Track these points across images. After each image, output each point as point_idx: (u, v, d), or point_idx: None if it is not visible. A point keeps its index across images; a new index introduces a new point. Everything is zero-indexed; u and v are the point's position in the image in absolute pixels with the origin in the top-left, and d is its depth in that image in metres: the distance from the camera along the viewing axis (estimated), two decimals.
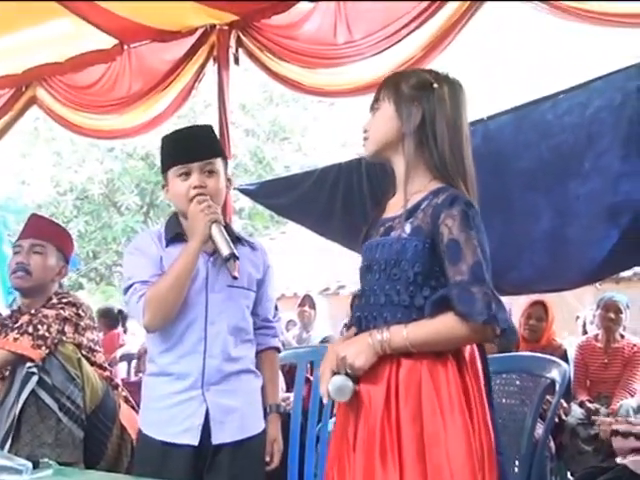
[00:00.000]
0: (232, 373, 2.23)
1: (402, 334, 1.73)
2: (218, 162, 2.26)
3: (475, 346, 1.82)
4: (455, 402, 1.71)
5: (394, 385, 1.74)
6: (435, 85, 1.85)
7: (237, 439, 2.21)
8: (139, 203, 13.98)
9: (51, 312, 2.65)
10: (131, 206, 13.65)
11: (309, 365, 3.02)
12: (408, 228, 1.79)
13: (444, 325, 1.72)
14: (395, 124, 1.86)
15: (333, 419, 3.20)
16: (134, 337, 7.22)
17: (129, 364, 5.04)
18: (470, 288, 1.70)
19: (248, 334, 2.30)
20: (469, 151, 1.87)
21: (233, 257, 2.12)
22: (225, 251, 2.11)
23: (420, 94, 1.84)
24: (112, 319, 6.62)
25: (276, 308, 2.50)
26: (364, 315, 1.86)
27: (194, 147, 2.24)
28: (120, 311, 6.85)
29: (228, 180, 2.35)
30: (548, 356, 2.37)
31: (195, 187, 2.19)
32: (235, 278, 2.17)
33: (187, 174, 2.22)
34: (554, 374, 2.22)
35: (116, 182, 13.65)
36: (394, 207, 1.90)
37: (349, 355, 1.77)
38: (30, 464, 1.57)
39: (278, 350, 2.45)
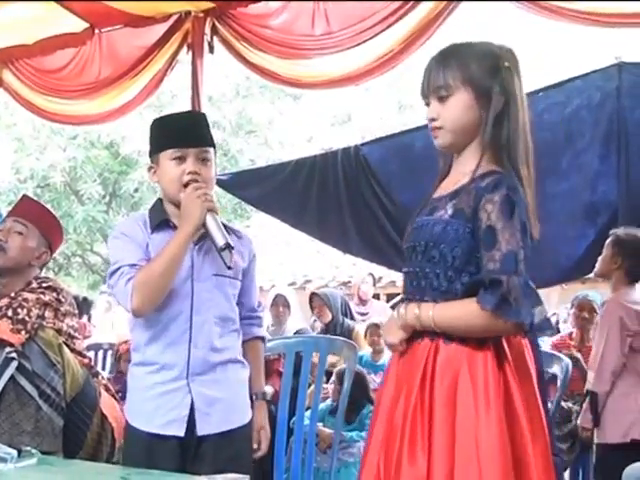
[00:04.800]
0: (218, 363, 2.18)
1: (429, 313, 1.72)
2: (212, 151, 2.24)
3: (529, 345, 1.77)
4: (492, 396, 1.66)
5: (430, 370, 1.72)
6: (507, 64, 1.78)
7: (222, 430, 2.17)
8: (101, 192, 13.76)
9: (31, 296, 2.57)
10: (93, 195, 13.43)
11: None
12: (450, 210, 1.74)
13: (465, 311, 1.69)
14: (475, 113, 1.77)
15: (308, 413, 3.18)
16: (94, 328, 7.12)
17: (96, 354, 4.96)
18: (499, 277, 1.65)
19: (235, 324, 2.25)
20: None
21: (228, 247, 2.08)
22: (221, 241, 2.07)
23: (497, 78, 1.76)
24: (77, 308, 6.49)
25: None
26: (410, 298, 1.81)
27: (192, 132, 2.20)
28: (85, 299, 6.73)
29: None
30: (549, 350, 2.37)
31: (190, 173, 2.15)
32: (230, 268, 2.13)
33: (181, 159, 2.17)
34: (555, 369, 2.22)
35: (78, 170, 13.42)
36: (445, 187, 1.83)
37: (383, 332, 1.91)
38: (15, 452, 1.54)
39: (263, 340, 2.41)
